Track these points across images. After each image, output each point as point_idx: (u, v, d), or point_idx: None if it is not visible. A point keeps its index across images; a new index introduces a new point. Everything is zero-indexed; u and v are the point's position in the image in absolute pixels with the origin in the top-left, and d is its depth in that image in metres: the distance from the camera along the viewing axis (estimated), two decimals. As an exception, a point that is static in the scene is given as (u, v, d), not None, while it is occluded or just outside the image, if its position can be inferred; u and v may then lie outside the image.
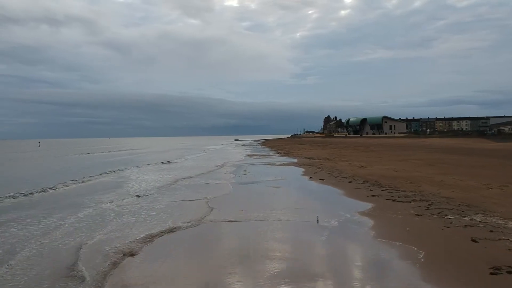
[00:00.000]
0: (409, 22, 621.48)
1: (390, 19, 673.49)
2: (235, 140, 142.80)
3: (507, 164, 20.57)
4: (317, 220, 8.85)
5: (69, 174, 21.24)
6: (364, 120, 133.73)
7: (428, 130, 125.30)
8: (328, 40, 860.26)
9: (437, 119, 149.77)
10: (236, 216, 9.51)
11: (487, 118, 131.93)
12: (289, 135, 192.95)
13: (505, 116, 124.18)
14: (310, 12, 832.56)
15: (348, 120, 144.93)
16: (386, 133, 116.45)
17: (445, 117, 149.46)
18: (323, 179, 16.66)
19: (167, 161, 31.60)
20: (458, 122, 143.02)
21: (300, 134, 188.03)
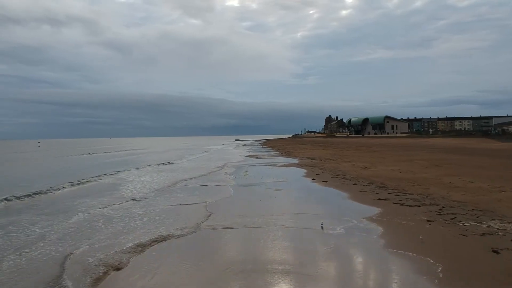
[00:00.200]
0: (410, 22, 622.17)
1: (391, 19, 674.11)
2: (236, 140, 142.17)
3: (516, 165, 19.95)
4: (322, 227, 8.24)
5: (67, 176, 20.65)
6: (366, 120, 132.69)
7: (431, 130, 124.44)
8: (329, 40, 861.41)
9: (439, 119, 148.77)
10: (235, 222, 8.92)
11: (490, 118, 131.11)
12: (290, 135, 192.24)
13: (508, 116, 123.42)
14: (311, 12, 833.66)
15: (350, 120, 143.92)
16: (388, 133, 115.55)
17: (447, 117, 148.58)
18: (326, 181, 16.07)
19: (168, 162, 30.98)
20: (460, 122, 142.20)
21: (301, 134, 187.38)
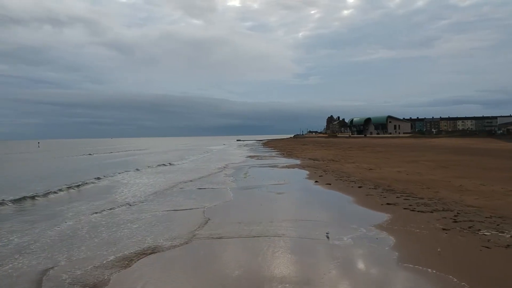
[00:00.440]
0: (411, 22, 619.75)
1: (392, 19, 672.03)
2: (237, 141, 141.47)
3: (527, 166, 19.16)
4: (327, 237, 7.51)
5: (65, 178, 20.02)
6: (368, 120, 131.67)
7: (434, 130, 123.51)
8: (330, 40, 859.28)
9: (442, 119, 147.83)
10: (232, 231, 8.19)
11: (493, 118, 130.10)
12: (292, 135, 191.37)
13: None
14: (313, 12, 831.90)
15: (352, 120, 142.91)
16: (391, 133, 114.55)
17: (450, 117, 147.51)
18: (330, 184, 15.32)
19: (168, 163, 30.26)
20: (463, 122, 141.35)
21: (303, 134, 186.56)
